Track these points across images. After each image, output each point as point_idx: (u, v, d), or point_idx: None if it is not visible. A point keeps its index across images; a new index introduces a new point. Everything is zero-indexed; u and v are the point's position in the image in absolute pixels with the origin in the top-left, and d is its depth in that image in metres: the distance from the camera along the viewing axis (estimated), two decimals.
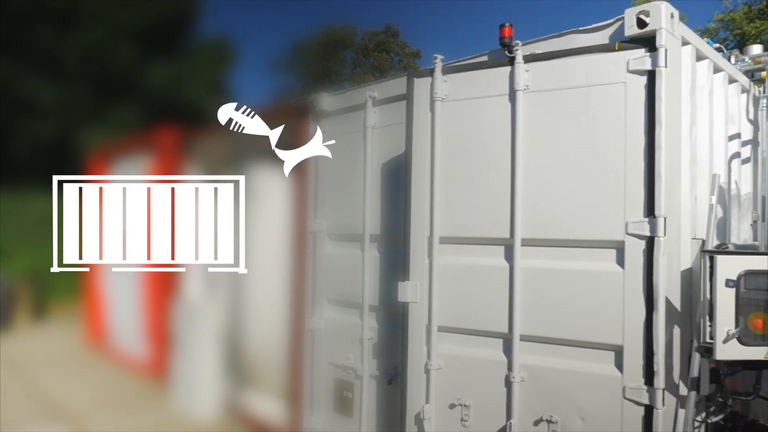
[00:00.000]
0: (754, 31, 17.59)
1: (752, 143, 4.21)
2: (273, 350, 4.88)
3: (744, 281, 2.97)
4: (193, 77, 7.52)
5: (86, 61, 7.19)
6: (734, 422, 3.55)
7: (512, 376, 3.41)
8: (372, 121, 4.41)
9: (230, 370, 5.23)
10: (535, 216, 3.38)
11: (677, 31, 3.20)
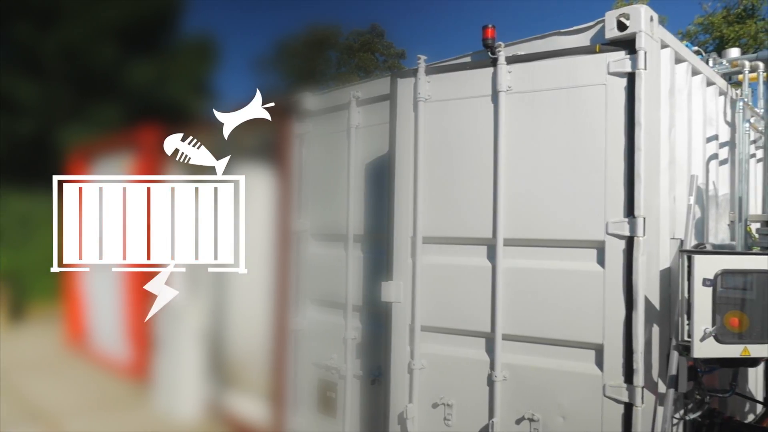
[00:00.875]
0: (732, 34, 17.91)
1: (730, 145, 4.29)
2: (256, 350, 4.86)
3: (721, 280, 3.03)
4: (176, 76, 7.45)
5: (67, 59, 7.08)
6: (711, 419, 3.60)
7: (494, 375, 3.44)
8: (356, 121, 4.41)
9: (213, 371, 5.19)
10: (517, 216, 3.41)
11: (656, 34, 3.24)
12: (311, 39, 8.10)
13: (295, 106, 4.87)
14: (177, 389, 5.35)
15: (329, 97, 4.81)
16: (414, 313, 3.67)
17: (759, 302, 3.05)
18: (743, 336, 3.04)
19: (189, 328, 5.23)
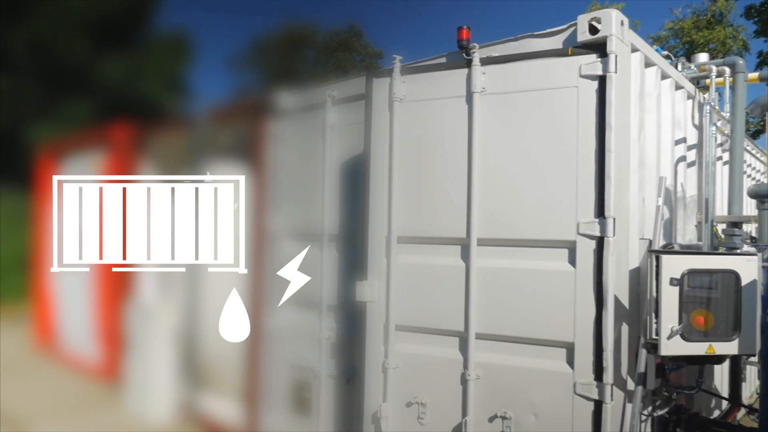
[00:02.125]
0: (702, 39, 18.34)
1: (697, 147, 4.39)
2: (230, 351, 4.81)
3: (687, 280, 3.10)
4: (149, 72, 7.32)
5: (36, 53, 6.91)
6: (678, 415, 3.69)
7: (468, 374, 3.46)
8: (331, 120, 4.40)
9: (186, 372, 5.13)
10: (490, 216, 3.44)
11: (627, 38, 3.30)
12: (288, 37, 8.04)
13: (271, 105, 4.84)
14: (149, 390, 5.28)
15: (305, 96, 4.79)
16: (388, 312, 3.68)
17: (723, 301, 3.13)
18: (708, 334, 3.12)
19: (162, 328, 5.16)
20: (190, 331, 5.12)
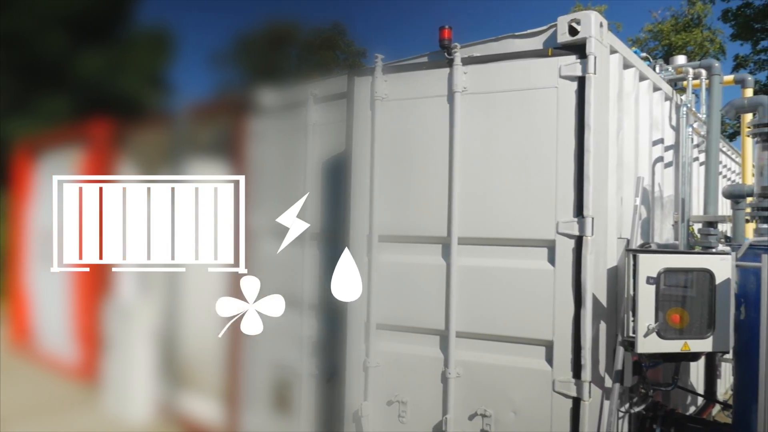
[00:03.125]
0: (680, 42, 18.65)
1: (674, 148, 4.46)
2: (210, 350, 4.77)
3: (663, 278, 3.15)
4: (129, 68, 7.20)
5: (12, 48, 6.76)
6: (655, 412, 3.75)
7: (448, 372, 3.48)
8: (313, 118, 4.38)
9: (165, 371, 5.08)
10: (471, 215, 3.46)
11: (606, 39, 3.34)
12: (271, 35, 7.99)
13: (252, 103, 4.80)
14: (127, 390, 5.21)
15: (287, 94, 4.76)
16: (369, 311, 3.68)
17: (698, 299, 3.19)
18: (684, 332, 3.17)
19: (140, 328, 5.10)
20: (169, 331, 5.06)
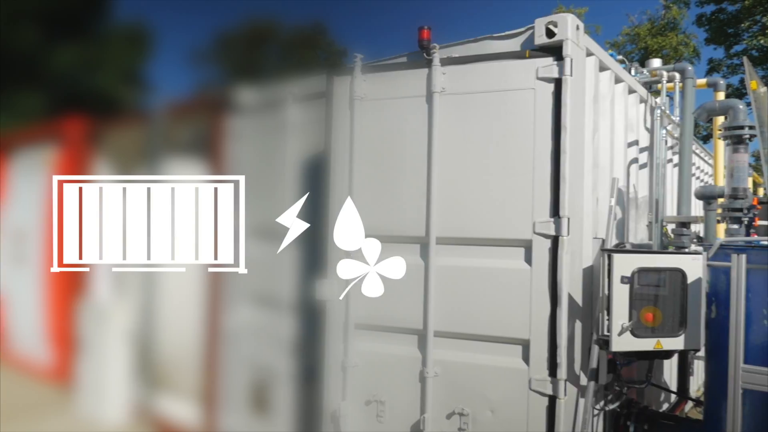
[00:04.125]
0: (656, 45, 18.98)
1: (649, 150, 4.54)
2: (187, 351, 4.73)
3: (637, 278, 3.20)
4: (105, 64, 7.08)
5: None
6: (629, 409, 3.81)
7: (426, 372, 3.50)
8: (292, 117, 4.36)
9: (141, 373, 5.01)
10: (448, 215, 3.48)
11: (582, 42, 3.39)
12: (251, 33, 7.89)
13: (231, 101, 4.77)
14: (102, 392, 5.13)
15: (266, 92, 4.73)
16: (348, 311, 3.68)
17: (671, 298, 3.24)
18: (656, 330, 3.23)
19: (115, 329, 5.03)
20: (145, 332, 5.00)
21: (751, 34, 17.56)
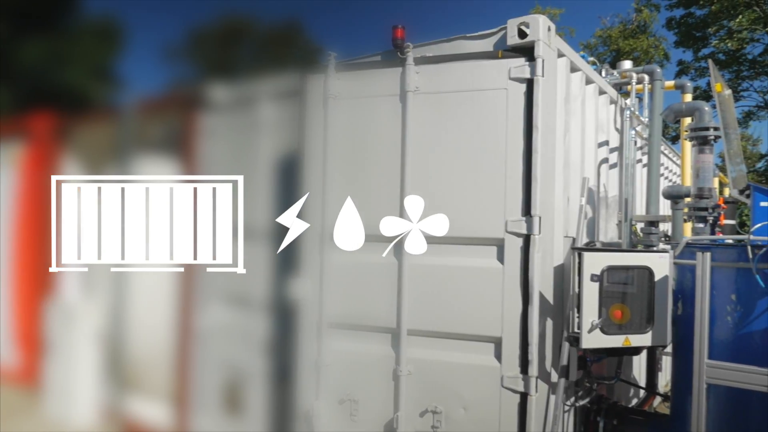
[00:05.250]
0: (627, 48, 19.34)
1: (619, 150, 4.62)
2: (159, 351, 4.66)
3: (606, 276, 3.26)
4: (75, 59, 6.93)
5: None
6: (599, 404, 3.88)
7: (399, 370, 3.51)
8: (266, 115, 4.33)
9: (111, 374, 4.92)
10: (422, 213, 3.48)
11: (554, 43, 3.43)
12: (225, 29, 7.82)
13: (204, 98, 4.70)
14: (71, 394, 5.03)
15: (240, 90, 4.68)
16: (322, 310, 3.67)
17: (638, 295, 3.31)
18: (625, 327, 3.29)
19: (84, 330, 4.93)
20: (115, 332, 4.91)
21: (718, 38, 18.01)
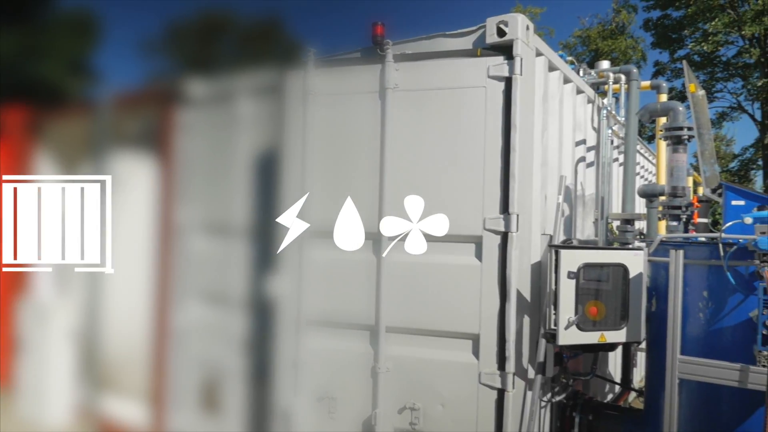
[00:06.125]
0: (606, 48, 19.58)
1: (595, 149, 4.67)
2: (135, 350, 4.59)
3: (582, 273, 3.30)
4: (49, 52, 6.79)
5: None
6: (575, 400, 3.93)
7: (378, 367, 3.51)
8: (244, 111, 4.29)
9: (85, 373, 4.84)
10: (400, 211, 3.48)
11: (532, 42, 3.45)
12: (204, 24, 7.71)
13: (182, 93, 4.64)
14: (44, 394, 4.94)
15: (218, 85, 4.63)
16: (300, 307, 3.65)
17: (614, 292, 3.36)
18: (600, 323, 3.33)
19: (58, 329, 4.84)
20: (90, 331, 4.83)
21: (693, 40, 18.32)
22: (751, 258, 3.03)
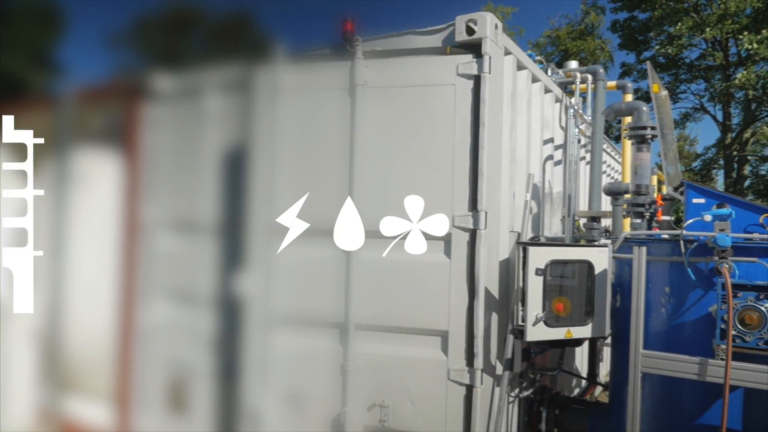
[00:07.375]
0: (575, 48, 19.90)
1: (563, 147, 4.74)
2: (99, 350, 4.49)
3: (550, 270, 3.35)
4: (11, 44, 6.58)
5: None
6: (542, 395, 3.99)
7: (347, 365, 3.50)
8: (212, 107, 4.22)
9: (48, 374, 4.72)
10: (369, 208, 3.48)
11: (501, 41, 3.48)
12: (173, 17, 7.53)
13: (148, 88, 4.55)
14: (6, 395, 4.80)
15: (186, 80, 4.55)
16: (270, 305, 3.62)
17: (579, 289, 3.42)
18: (566, 319, 3.39)
19: (18, 329, 4.70)
20: (53, 331, 4.71)
21: (658, 42, 18.74)
22: (711, 254, 3.11)
